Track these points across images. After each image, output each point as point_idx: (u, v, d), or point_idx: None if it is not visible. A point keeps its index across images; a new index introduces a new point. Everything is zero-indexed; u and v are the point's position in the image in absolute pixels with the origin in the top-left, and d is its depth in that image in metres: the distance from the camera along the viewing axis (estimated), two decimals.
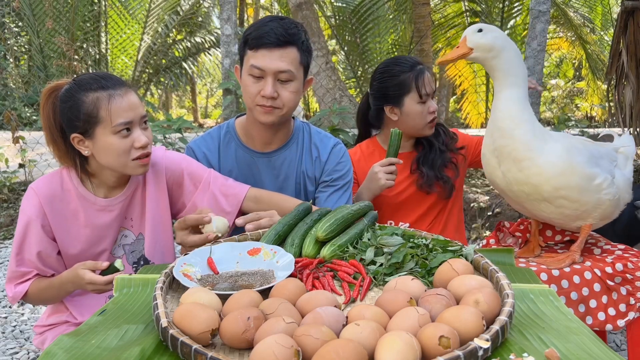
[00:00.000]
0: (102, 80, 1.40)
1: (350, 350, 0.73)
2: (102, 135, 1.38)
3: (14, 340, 2.59)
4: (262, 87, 1.56)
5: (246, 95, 1.62)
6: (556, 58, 13.73)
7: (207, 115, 19.99)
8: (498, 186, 1.65)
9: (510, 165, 1.56)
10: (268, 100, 1.57)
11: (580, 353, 0.82)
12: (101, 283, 1.34)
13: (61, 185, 1.47)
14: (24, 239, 1.44)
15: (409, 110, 1.90)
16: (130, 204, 1.54)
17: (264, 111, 1.59)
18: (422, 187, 1.96)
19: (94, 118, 1.37)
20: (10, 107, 7.12)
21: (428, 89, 1.88)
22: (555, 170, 1.51)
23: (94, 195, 1.49)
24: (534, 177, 1.53)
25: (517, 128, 1.52)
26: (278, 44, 1.53)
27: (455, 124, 11.86)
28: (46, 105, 1.44)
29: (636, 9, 3.52)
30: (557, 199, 1.54)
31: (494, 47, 1.54)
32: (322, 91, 6.98)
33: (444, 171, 1.97)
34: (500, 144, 1.56)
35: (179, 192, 1.59)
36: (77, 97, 1.38)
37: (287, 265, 1.13)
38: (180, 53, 12.35)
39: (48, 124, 1.44)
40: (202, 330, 0.84)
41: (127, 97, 1.40)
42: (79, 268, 1.37)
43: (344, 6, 9.71)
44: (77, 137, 1.41)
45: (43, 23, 9.28)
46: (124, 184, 1.52)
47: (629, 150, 1.74)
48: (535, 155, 1.52)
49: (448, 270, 1.03)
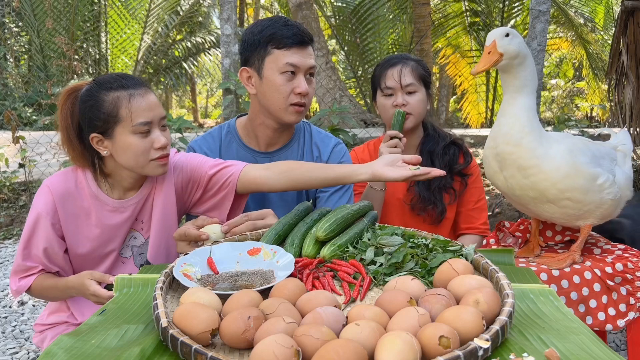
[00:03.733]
0: (122, 79, 1.41)
1: (350, 350, 0.73)
2: (121, 135, 1.39)
3: (14, 340, 2.59)
4: (295, 85, 1.60)
5: (277, 96, 1.61)
6: (556, 58, 13.72)
7: (207, 115, 20.00)
8: (499, 188, 1.65)
9: (514, 172, 1.55)
10: (302, 97, 1.62)
11: (580, 353, 0.82)
12: (104, 297, 1.34)
13: (75, 184, 1.47)
14: (32, 234, 1.45)
15: (379, 103, 1.97)
16: (143, 207, 1.53)
17: (296, 110, 1.63)
18: (413, 207, 1.95)
19: (114, 117, 1.38)
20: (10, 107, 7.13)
21: (389, 83, 1.89)
22: (561, 173, 1.51)
23: (107, 196, 1.49)
24: (540, 183, 1.53)
25: (525, 137, 1.51)
26: (305, 42, 1.62)
27: (455, 124, 11.86)
28: (65, 105, 1.44)
29: (636, 9, 3.52)
30: (562, 200, 1.54)
31: (520, 53, 1.52)
32: (322, 91, 6.98)
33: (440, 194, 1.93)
34: (504, 150, 1.55)
35: (189, 192, 1.59)
36: (98, 97, 1.39)
37: (287, 265, 1.13)
38: (180, 53, 12.36)
39: (65, 124, 1.44)
40: (202, 330, 0.84)
41: (147, 97, 1.41)
42: (86, 278, 1.37)
43: (344, 6, 9.72)
44: (97, 137, 1.41)
45: (43, 23, 9.29)
46: (139, 186, 1.52)
47: (627, 147, 1.74)
48: (541, 162, 1.51)
49: (448, 270, 1.03)
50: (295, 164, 1.54)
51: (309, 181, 1.48)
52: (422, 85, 1.93)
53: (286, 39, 1.58)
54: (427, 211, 1.93)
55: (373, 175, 1.39)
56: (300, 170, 1.49)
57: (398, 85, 1.88)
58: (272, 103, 1.62)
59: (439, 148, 1.96)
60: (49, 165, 4.86)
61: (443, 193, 1.95)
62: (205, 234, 1.34)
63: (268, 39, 1.59)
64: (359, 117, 6.92)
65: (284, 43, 1.58)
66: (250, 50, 1.63)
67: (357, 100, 8.80)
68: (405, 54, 2.02)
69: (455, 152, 1.98)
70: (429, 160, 1.95)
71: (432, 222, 1.95)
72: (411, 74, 1.89)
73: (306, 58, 1.61)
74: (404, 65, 1.90)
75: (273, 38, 1.59)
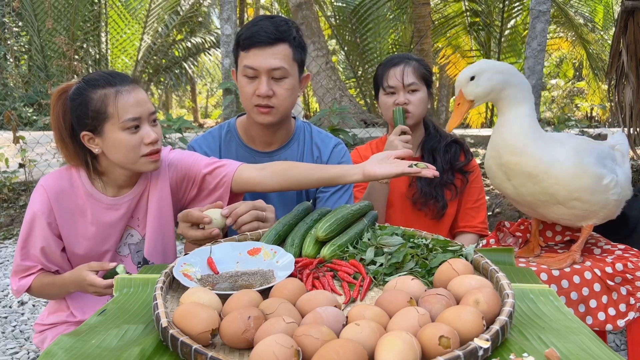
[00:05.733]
0: (109, 77, 1.41)
1: (350, 350, 0.73)
2: (111, 131, 1.39)
3: (14, 340, 2.59)
4: (257, 87, 1.57)
5: (243, 97, 1.62)
6: (556, 58, 13.72)
7: (207, 115, 19.99)
8: (508, 196, 1.65)
9: (524, 181, 1.55)
10: (264, 99, 1.57)
11: (580, 353, 0.82)
12: (101, 286, 1.34)
13: (70, 182, 1.48)
14: (29, 234, 1.46)
15: (381, 102, 1.99)
16: (138, 204, 1.54)
17: (261, 112, 1.60)
18: (415, 202, 1.97)
19: (102, 114, 1.39)
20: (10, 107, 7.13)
21: (391, 82, 1.92)
22: (569, 174, 1.51)
23: (102, 194, 1.50)
24: (550, 187, 1.52)
25: (529, 144, 1.51)
26: (269, 42, 1.54)
27: None
28: (56, 105, 1.45)
29: (636, 9, 3.52)
30: (571, 201, 1.55)
31: (494, 88, 1.50)
32: (322, 91, 6.98)
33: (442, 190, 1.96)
34: (510, 160, 1.54)
35: (184, 189, 1.59)
36: (86, 95, 1.40)
37: (287, 265, 1.13)
38: (180, 53, 12.36)
39: (57, 124, 1.46)
40: (202, 330, 0.84)
41: (135, 93, 1.41)
42: (83, 269, 1.38)
43: (344, 6, 9.71)
44: (87, 135, 1.42)
45: (43, 23, 9.28)
46: (133, 184, 1.53)
47: (624, 147, 1.74)
48: (549, 168, 1.51)
49: (448, 270, 1.03)
50: (289, 164, 1.54)
51: (303, 181, 1.49)
52: (424, 85, 1.95)
53: (246, 40, 1.56)
54: (429, 206, 1.96)
55: (364, 175, 1.41)
56: (294, 171, 1.50)
57: (400, 84, 1.91)
58: (243, 103, 1.64)
59: (441, 146, 1.99)
60: (49, 165, 4.86)
61: (445, 189, 1.97)
62: (207, 217, 1.35)
63: (237, 41, 1.61)
64: (359, 117, 6.92)
65: (244, 45, 1.57)
66: (234, 52, 1.66)
67: (357, 100, 8.80)
68: (408, 54, 2.05)
69: (456, 150, 2.01)
70: (430, 158, 1.98)
71: (433, 217, 1.98)
72: (413, 73, 1.91)
73: (267, 58, 1.54)
74: (406, 64, 1.93)
75: (239, 40, 1.59)
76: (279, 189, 1.52)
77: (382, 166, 1.40)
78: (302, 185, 1.52)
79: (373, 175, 1.40)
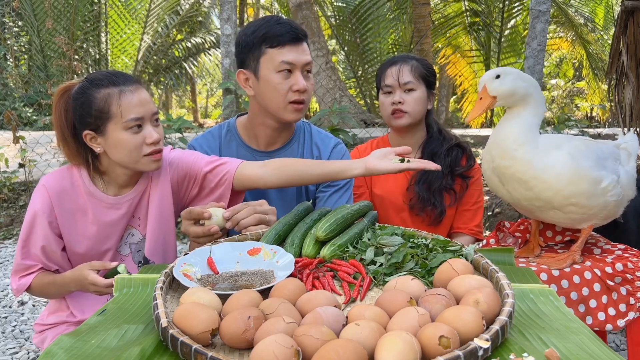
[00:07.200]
0: (113, 77, 1.42)
1: (350, 350, 0.73)
2: (113, 131, 1.40)
3: (14, 340, 2.59)
4: (293, 82, 1.60)
5: (275, 95, 1.61)
6: (556, 58, 13.72)
7: (207, 115, 19.99)
8: (504, 199, 1.64)
9: (516, 186, 1.55)
10: (301, 94, 1.61)
11: (580, 353, 0.82)
12: (102, 285, 1.35)
13: (71, 181, 1.48)
14: (30, 233, 1.46)
15: (379, 101, 1.99)
16: (139, 203, 1.54)
17: (295, 109, 1.63)
18: (412, 207, 1.95)
19: (105, 114, 1.39)
20: (10, 107, 7.13)
21: (388, 81, 1.93)
22: (563, 181, 1.50)
23: (103, 193, 1.50)
24: (543, 193, 1.52)
25: (519, 148, 1.51)
26: (299, 39, 1.61)
27: (455, 124, 11.85)
28: (58, 104, 1.45)
29: (636, 9, 3.52)
30: (567, 206, 1.54)
31: (516, 92, 1.52)
32: (322, 91, 6.99)
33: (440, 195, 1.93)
34: (501, 164, 1.54)
35: (185, 188, 1.59)
36: (89, 94, 1.40)
37: (287, 265, 1.13)
38: (180, 53, 12.36)
39: (59, 123, 1.46)
40: (202, 330, 0.84)
41: (138, 93, 1.41)
42: (85, 268, 1.38)
43: (344, 6, 9.72)
44: (90, 134, 1.42)
45: (43, 23, 9.28)
46: (134, 183, 1.53)
47: (631, 146, 1.72)
48: (540, 173, 1.50)
49: (448, 270, 1.02)
50: (291, 161, 1.56)
51: (305, 177, 1.50)
52: (423, 84, 1.93)
53: (279, 37, 1.58)
54: (426, 212, 1.93)
55: (366, 169, 1.44)
56: (295, 166, 1.51)
57: (396, 83, 1.91)
58: (271, 103, 1.62)
59: (442, 150, 1.95)
60: (49, 165, 4.86)
61: (444, 194, 1.94)
62: (207, 211, 1.35)
63: (261, 39, 1.59)
64: (359, 117, 6.92)
65: (277, 41, 1.58)
66: (245, 52, 1.63)
67: (357, 100, 8.81)
68: (409, 54, 2.04)
69: (458, 154, 1.97)
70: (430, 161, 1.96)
71: (430, 223, 1.95)
72: (410, 73, 1.91)
73: (301, 54, 1.60)
74: (404, 63, 1.93)
75: (266, 37, 1.59)
76: (281, 185, 1.53)
77: (385, 161, 1.43)
78: (304, 181, 1.53)
79: (375, 169, 1.43)
